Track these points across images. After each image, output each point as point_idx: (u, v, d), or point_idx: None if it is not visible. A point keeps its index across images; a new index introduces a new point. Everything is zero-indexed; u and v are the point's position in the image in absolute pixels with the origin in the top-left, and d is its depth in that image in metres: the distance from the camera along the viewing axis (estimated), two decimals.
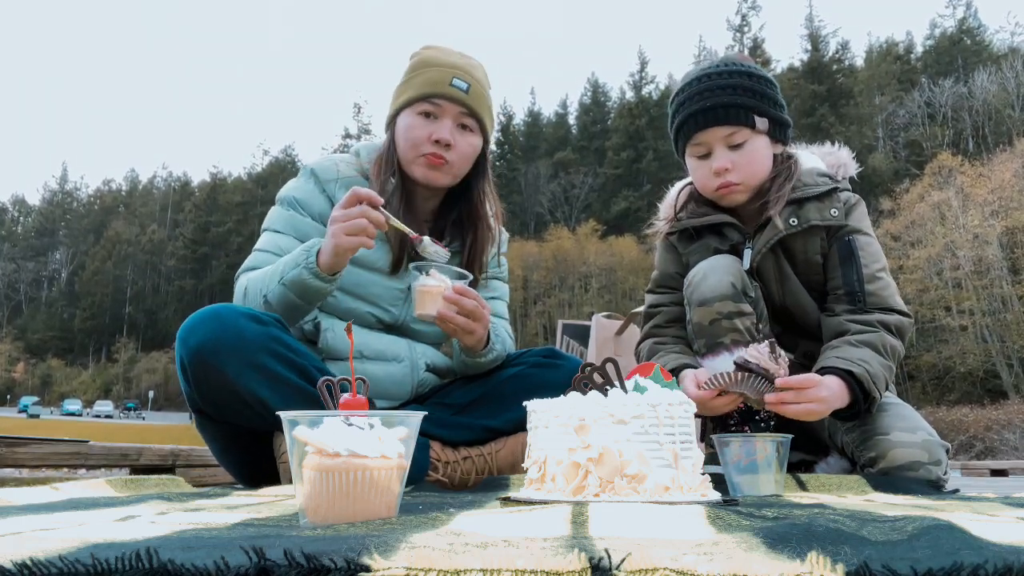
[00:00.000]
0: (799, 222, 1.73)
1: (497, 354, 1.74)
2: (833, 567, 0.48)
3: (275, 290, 1.56)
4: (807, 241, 1.76)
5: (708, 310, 1.70)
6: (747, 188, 1.76)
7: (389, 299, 1.75)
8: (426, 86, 1.72)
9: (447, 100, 1.71)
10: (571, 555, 0.51)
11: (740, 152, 1.73)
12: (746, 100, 1.72)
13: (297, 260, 1.53)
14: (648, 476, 1.00)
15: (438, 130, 1.71)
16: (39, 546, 0.59)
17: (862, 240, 1.74)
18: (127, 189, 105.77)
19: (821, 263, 1.77)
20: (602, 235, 57.40)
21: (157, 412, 60.52)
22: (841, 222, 1.74)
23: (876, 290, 1.71)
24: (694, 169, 1.81)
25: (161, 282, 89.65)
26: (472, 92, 1.74)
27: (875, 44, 61.42)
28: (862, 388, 1.55)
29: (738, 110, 1.72)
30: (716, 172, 1.73)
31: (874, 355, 1.61)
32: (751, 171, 1.75)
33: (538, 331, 50.91)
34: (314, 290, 1.53)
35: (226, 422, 1.53)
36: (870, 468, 1.58)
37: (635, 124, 67.11)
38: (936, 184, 35.68)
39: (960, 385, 32.41)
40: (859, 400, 1.56)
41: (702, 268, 1.75)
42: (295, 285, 1.53)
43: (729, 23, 66.22)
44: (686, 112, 1.75)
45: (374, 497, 0.82)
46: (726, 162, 1.73)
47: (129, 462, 3.66)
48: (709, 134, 1.73)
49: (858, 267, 1.71)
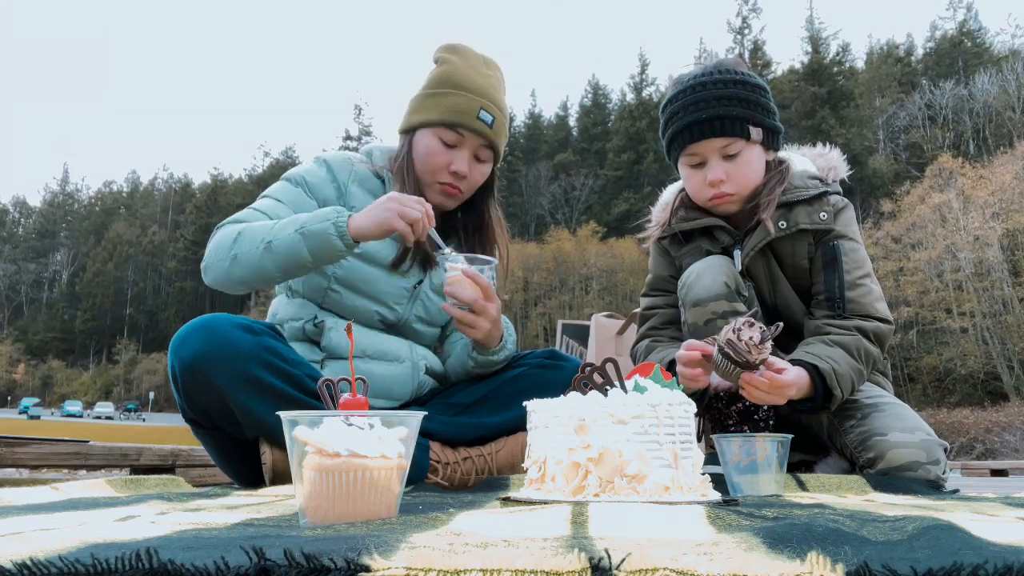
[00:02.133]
0: (788, 225, 1.74)
1: (508, 353, 1.74)
2: (833, 567, 0.48)
3: (287, 238, 1.53)
4: (795, 245, 1.77)
5: (703, 310, 1.72)
6: (740, 198, 1.78)
7: (395, 297, 1.75)
8: (452, 114, 1.71)
9: (471, 132, 1.72)
10: (571, 555, 0.51)
11: (734, 163, 1.74)
12: (741, 111, 1.72)
13: (326, 215, 1.53)
14: (648, 476, 1.00)
15: (457, 161, 1.72)
16: (39, 546, 0.59)
17: (847, 246, 1.75)
18: (128, 190, 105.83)
19: (808, 267, 1.78)
20: (602, 237, 57.35)
21: (158, 413, 60.45)
22: (829, 226, 1.75)
23: (856, 297, 1.72)
24: (687, 178, 1.82)
25: (162, 283, 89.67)
26: (495, 125, 1.75)
27: (876, 46, 61.55)
28: (825, 385, 1.58)
29: (733, 122, 1.71)
30: (711, 183, 1.74)
31: (845, 356, 1.62)
32: (745, 181, 1.75)
33: (538, 332, 50.89)
34: (331, 250, 1.52)
35: (218, 429, 1.53)
36: (869, 469, 1.58)
37: (635, 126, 67.12)
38: (937, 186, 35.66)
39: (961, 387, 32.37)
40: (819, 395, 1.58)
41: (696, 269, 1.76)
42: (315, 238, 1.51)
43: (730, 25, 66.27)
44: (680, 123, 1.75)
45: (374, 497, 0.82)
46: (721, 173, 1.73)
47: (129, 462, 3.65)
48: (704, 146, 1.73)
49: (840, 274, 1.72)
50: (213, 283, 1.63)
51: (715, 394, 1.75)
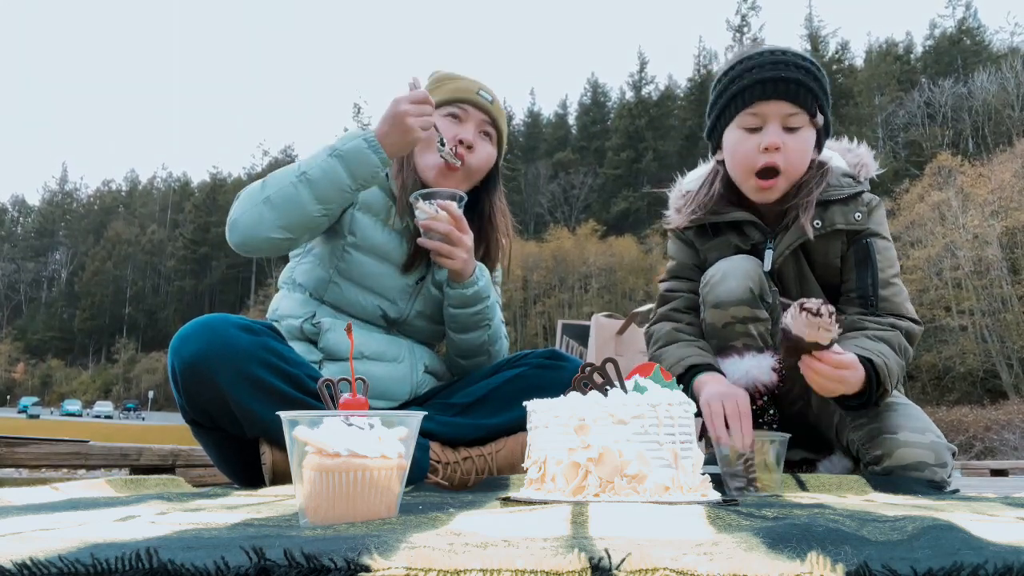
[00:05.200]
0: (824, 225, 1.70)
1: (478, 289, 1.72)
2: (833, 567, 0.48)
3: (321, 164, 1.58)
4: (828, 244, 1.72)
5: (723, 313, 1.67)
6: (786, 182, 1.69)
7: (398, 292, 1.75)
8: (454, 93, 1.81)
9: (474, 107, 1.79)
10: (571, 555, 0.51)
11: (793, 137, 1.65)
12: (815, 87, 1.65)
13: (354, 134, 1.61)
14: (648, 476, 1.00)
15: (463, 131, 1.77)
16: (39, 546, 0.58)
17: (880, 244, 1.72)
18: (127, 189, 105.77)
19: (839, 266, 1.75)
20: (602, 235, 57.31)
21: (157, 412, 60.43)
22: (863, 226, 1.71)
23: (889, 296, 1.69)
24: (738, 143, 1.69)
25: (161, 282, 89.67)
26: (495, 105, 1.84)
27: (875, 44, 61.39)
28: (878, 379, 1.52)
29: (806, 92, 1.63)
30: (767, 148, 1.63)
31: (890, 351, 1.58)
32: (797, 161, 1.67)
33: (538, 331, 50.87)
34: (369, 166, 1.58)
35: (218, 429, 1.53)
36: (875, 466, 1.57)
37: (635, 124, 67.08)
38: (936, 184, 35.65)
39: (960, 385, 32.37)
40: (872, 390, 1.52)
41: (721, 268, 1.70)
42: (351, 156, 1.57)
43: (729, 23, 66.24)
44: (751, 78, 1.64)
45: (374, 497, 0.82)
46: (778, 139, 1.63)
47: (129, 462, 3.65)
48: (772, 106, 1.63)
49: (874, 272, 1.68)
50: (243, 238, 1.60)
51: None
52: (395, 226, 1.75)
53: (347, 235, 1.71)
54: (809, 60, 1.68)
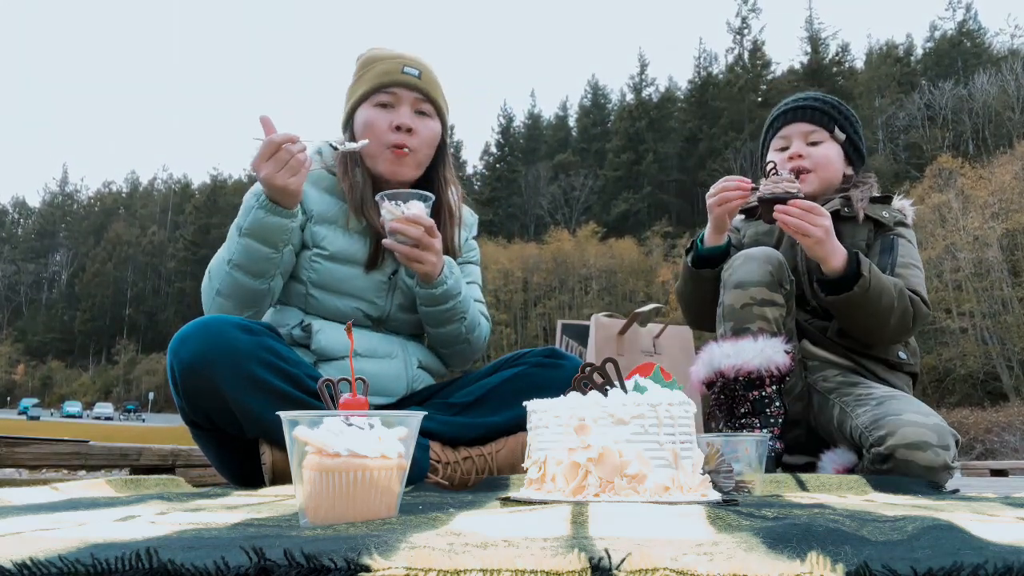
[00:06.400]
0: (855, 208, 1.92)
1: (447, 288, 1.71)
2: (833, 567, 0.48)
3: (239, 248, 1.58)
4: (856, 231, 1.93)
5: (742, 293, 1.76)
6: (817, 179, 1.99)
7: (373, 291, 1.75)
8: (379, 77, 1.76)
9: (402, 87, 1.75)
10: (571, 555, 0.51)
11: (816, 148, 2.01)
12: (830, 111, 2.03)
13: (249, 205, 1.58)
14: (648, 476, 1.00)
15: (397, 117, 1.73)
16: (39, 546, 0.58)
17: (905, 243, 1.93)
18: (127, 191, 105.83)
19: (865, 252, 1.90)
20: (602, 237, 57.28)
21: (157, 414, 60.41)
22: (891, 223, 1.93)
23: (905, 275, 1.86)
24: (774, 157, 2.05)
25: (161, 284, 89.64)
26: (424, 77, 1.78)
27: (875, 46, 61.46)
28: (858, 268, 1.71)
29: (821, 114, 2.03)
30: (790, 157, 2.00)
31: (887, 278, 1.77)
32: (823, 163, 2.00)
33: (538, 333, 50.86)
34: (276, 227, 1.56)
35: (217, 430, 1.53)
36: (878, 447, 1.58)
37: (635, 126, 66.98)
38: (936, 186, 35.66)
39: (960, 387, 32.34)
40: (851, 274, 1.71)
41: (744, 253, 1.83)
42: (256, 229, 1.56)
43: (729, 25, 66.31)
44: (780, 109, 2.09)
45: (374, 497, 0.82)
46: (801, 150, 2.01)
47: (129, 462, 3.64)
48: (792, 128, 2.03)
49: (894, 257, 1.88)
50: None
51: (734, 376, 1.73)
52: (355, 228, 1.74)
53: (312, 247, 1.71)
54: (827, 96, 2.10)
